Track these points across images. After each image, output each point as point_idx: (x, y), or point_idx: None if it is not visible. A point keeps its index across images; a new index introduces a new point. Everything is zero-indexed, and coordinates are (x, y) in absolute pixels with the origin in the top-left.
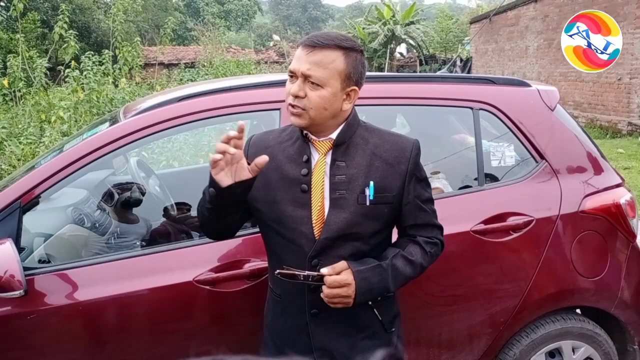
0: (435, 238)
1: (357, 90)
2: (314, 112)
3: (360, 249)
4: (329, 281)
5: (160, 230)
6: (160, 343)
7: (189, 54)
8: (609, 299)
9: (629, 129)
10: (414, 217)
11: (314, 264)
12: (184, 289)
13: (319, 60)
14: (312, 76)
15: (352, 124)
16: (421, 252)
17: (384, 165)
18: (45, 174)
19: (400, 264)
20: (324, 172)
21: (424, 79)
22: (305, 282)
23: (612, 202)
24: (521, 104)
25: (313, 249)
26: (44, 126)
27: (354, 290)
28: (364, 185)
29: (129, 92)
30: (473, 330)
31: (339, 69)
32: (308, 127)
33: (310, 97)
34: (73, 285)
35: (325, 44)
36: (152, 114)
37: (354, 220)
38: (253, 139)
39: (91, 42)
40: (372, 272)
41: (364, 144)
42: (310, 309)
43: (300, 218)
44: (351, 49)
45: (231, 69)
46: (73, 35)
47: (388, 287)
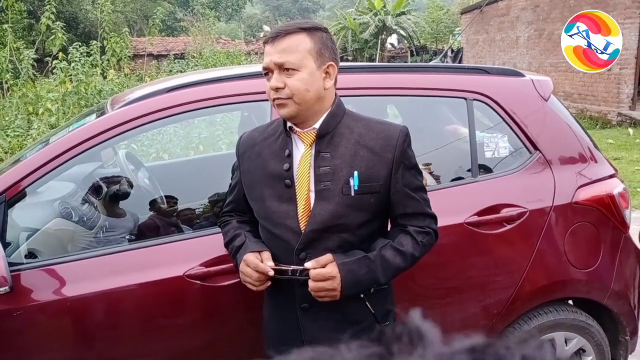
0: (427, 227)
1: (334, 65)
2: (298, 97)
3: (348, 241)
4: (313, 274)
5: (150, 224)
6: (150, 339)
7: (178, 44)
8: (601, 290)
9: (618, 120)
10: (403, 206)
11: (302, 258)
12: (175, 284)
13: (286, 46)
14: (284, 62)
15: (336, 113)
16: (412, 242)
17: (370, 155)
18: (30, 167)
19: (389, 255)
20: (309, 164)
21: (417, 69)
22: (293, 277)
23: (606, 193)
24: (515, 94)
25: (299, 242)
26: (31, 118)
27: (339, 283)
28: (348, 175)
29: (118, 84)
30: (466, 322)
31: (308, 48)
32: (296, 116)
33: (290, 84)
34: (60, 280)
35: (287, 30)
36: (141, 105)
37: (339, 211)
38: (242, 138)
39: (79, 33)
40: (358, 264)
41: (349, 134)
42: (300, 304)
43: (286, 213)
44: (313, 28)
45: (221, 60)
46: (60, 26)
47: (377, 278)
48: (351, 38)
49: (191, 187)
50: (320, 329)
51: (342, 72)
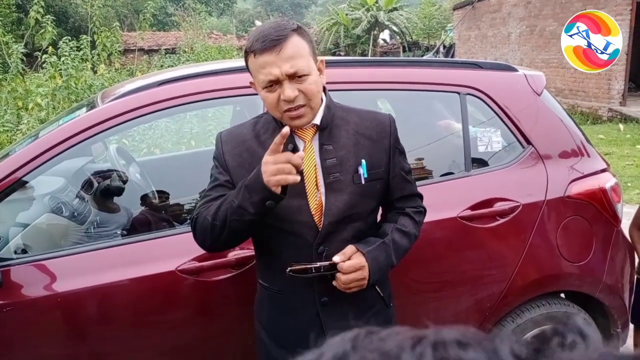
0: (420, 207)
1: (322, 60)
2: (314, 101)
3: (361, 229)
4: (345, 267)
5: (142, 219)
6: (142, 335)
7: (169, 39)
8: (593, 284)
9: (609, 115)
10: (401, 189)
11: (320, 252)
12: (167, 278)
13: (292, 53)
14: (297, 70)
15: (330, 106)
16: (412, 222)
17: (369, 143)
18: (19, 162)
19: (398, 238)
20: (314, 157)
21: (409, 63)
22: (317, 274)
23: (598, 187)
24: (508, 89)
25: (318, 236)
26: (21, 113)
27: (368, 271)
28: (355, 164)
29: (108, 79)
30: (460, 316)
31: (308, 50)
32: (312, 119)
33: (305, 89)
34: (51, 276)
35: (284, 35)
36: (131, 98)
37: (353, 200)
38: (223, 135)
39: (69, 27)
40: (379, 250)
41: (345, 125)
42: (320, 298)
43: (298, 208)
44: (299, 27)
45: (213, 55)
46: (50, 20)
47: (392, 262)
48: (343, 34)
49: (183, 182)
50: (340, 320)
51: (334, 66)
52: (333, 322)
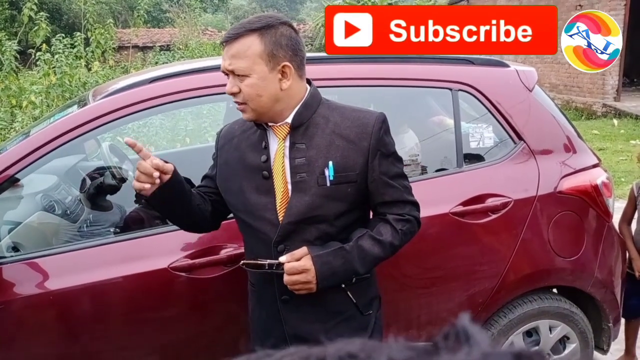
0: (407, 215)
1: (289, 65)
2: (252, 103)
3: (327, 232)
4: (286, 268)
5: (134, 216)
6: (135, 332)
7: (164, 36)
8: (585, 279)
9: (603, 111)
10: (381, 194)
11: (280, 250)
12: (159, 276)
13: (236, 51)
14: (234, 69)
15: (309, 104)
16: (391, 230)
17: (345, 144)
18: (10, 160)
19: (367, 245)
20: (284, 155)
21: (402, 59)
22: (270, 270)
23: (589, 182)
24: (500, 85)
25: (277, 234)
26: (15, 111)
27: (314, 275)
28: (323, 166)
29: (103, 76)
30: (452, 312)
31: (258, 52)
32: (258, 118)
33: (243, 89)
34: (43, 274)
35: (237, 33)
36: (123, 95)
37: (315, 202)
38: (223, 130)
39: (62, 24)
40: (333, 255)
41: (324, 124)
42: (280, 296)
43: (264, 205)
44: (266, 27)
45: (208, 51)
46: (43, 17)
47: (355, 269)
48: None
49: None
50: (301, 320)
51: (325, 62)
52: (294, 320)
